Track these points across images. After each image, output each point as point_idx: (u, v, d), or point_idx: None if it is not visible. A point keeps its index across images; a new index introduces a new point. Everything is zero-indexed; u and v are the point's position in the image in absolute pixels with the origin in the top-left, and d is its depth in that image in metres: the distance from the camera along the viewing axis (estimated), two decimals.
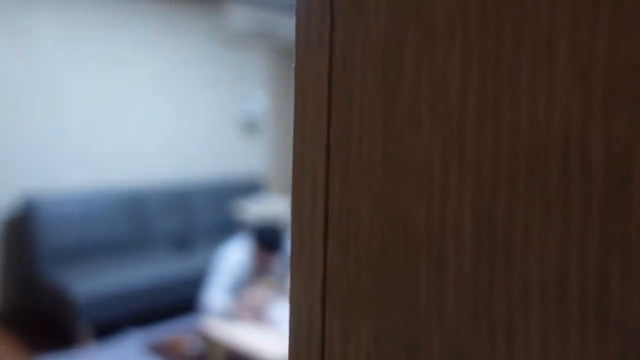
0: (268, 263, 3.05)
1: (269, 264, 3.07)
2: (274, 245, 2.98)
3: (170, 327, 3.63)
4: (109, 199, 3.93)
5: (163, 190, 4.29)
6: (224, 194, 4.64)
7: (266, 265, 3.06)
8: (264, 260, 3.03)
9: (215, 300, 2.89)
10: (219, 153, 4.88)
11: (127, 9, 4.17)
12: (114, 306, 3.31)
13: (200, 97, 4.72)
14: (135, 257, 3.76)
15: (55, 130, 3.87)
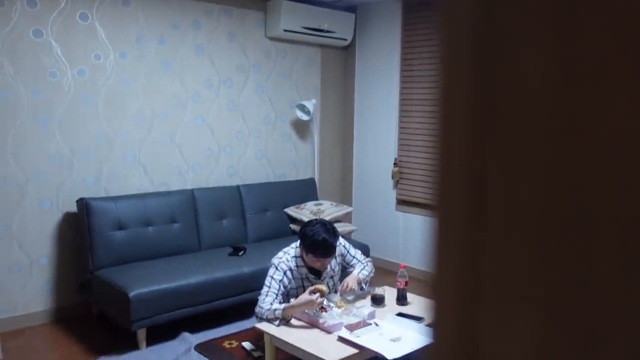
0: (320, 267, 3.04)
1: (321, 268, 3.05)
2: (325, 249, 2.97)
3: (223, 330, 3.65)
4: (163, 201, 4.00)
5: (215, 194, 4.33)
6: (275, 198, 4.65)
7: (318, 269, 3.05)
8: (316, 264, 3.02)
9: (268, 306, 2.89)
10: (270, 157, 4.91)
11: (181, 11, 4.25)
12: (167, 307, 3.36)
13: (252, 101, 4.76)
14: (188, 259, 3.81)
15: (111, 134, 3.97)
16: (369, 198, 5.32)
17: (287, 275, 3.02)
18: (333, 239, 2.98)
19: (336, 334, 2.76)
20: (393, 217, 5.10)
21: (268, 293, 2.95)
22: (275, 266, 3.02)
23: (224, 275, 3.63)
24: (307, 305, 2.84)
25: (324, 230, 2.99)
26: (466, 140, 0.28)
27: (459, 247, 0.29)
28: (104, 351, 3.33)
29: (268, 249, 4.06)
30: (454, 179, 0.28)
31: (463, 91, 0.28)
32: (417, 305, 3.23)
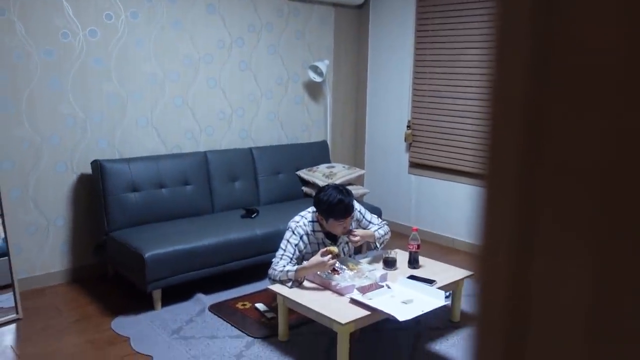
0: (342, 232, 3.05)
1: (344, 232, 3.06)
2: (344, 209, 2.96)
3: (236, 291, 3.71)
4: (177, 163, 4.01)
5: (228, 156, 4.33)
6: (288, 160, 4.64)
7: (335, 234, 3.05)
8: (337, 229, 3.02)
9: (281, 268, 2.91)
10: (283, 119, 4.88)
11: None
12: (181, 268, 3.41)
13: (264, 62, 4.70)
14: (201, 221, 3.84)
15: (123, 96, 3.96)
16: (381, 161, 5.29)
17: (303, 240, 3.04)
18: (349, 198, 2.98)
19: (348, 296, 2.79)
20: (405, 180, 5.08)
21: (283, 256, 2.97)
22: (292, 230, 3.04)
23: (237, 237, 3.66)
24: (318, 267, 2.87)
25: (338, 192, 3.00)
26: (524, 82, 0.26)
27: (514, 194, 0.28)
28: (120, 311, 3.40)
29: (280, 211, 4.08)
30: (509, 125, 0.27)
31: (521, 40, 0.26)
32: (428, 268, 3.25)
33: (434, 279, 3.04)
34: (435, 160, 4.79)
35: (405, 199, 5.11)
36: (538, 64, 0.26)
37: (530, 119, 0.27)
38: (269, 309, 3.34)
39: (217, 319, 3.28)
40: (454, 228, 4.75)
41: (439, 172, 4.81)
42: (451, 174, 4.70)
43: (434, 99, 4.73)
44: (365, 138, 5.43)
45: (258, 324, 3.20)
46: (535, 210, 0.27)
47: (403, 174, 5.10)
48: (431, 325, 3.24)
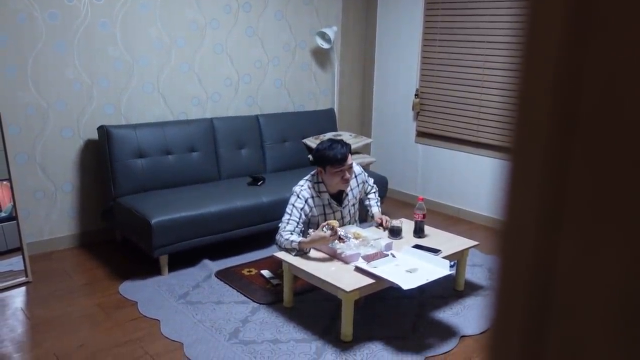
0: (344, 183, 3.04)
1: (345, 184, 3.05)
2: (340, 154, 2.95)
3: (242, 258, 3.74)
4: (183, 130, 4.00)
5: (234, 124, 4.31)
6: (294, 128, 4.62)
7: (342, 190, 3.04)
8: (336, 180, 3.01)
9: (287, 236, 2.92)
10: (289, 87, 4.83)
11: None
12: (187, 235, 3.43)
13: (271, 27, 4.63)
14: (208, 188, 3.85)
15: (129, 62, 3.92)
16: (388, 129, 5.26)
17: (308, 204, 3.04)
18: (344, 144, 3.00)
19: (353, 264, 2.80)
20: (412, 150, 5.06)
21: (289, 221, 2.98)
22: (297, 194, 3.04)
23: (243, 204, 3.67)
24: (320, 242, 2.88)
25: (333, 140, 3.04)
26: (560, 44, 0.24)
27: (543, 168, 0.26)
28: (127, 275, 3.44)
29: (287, 179, 4.07)
30: (540, 88, 0.25)
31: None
32: (434, 238, 3.25)
33: (439, 249, 3.05)
34: (442, 130, 4.75)
35: (412, 169, 5.09)
36: (577, 19, 0.24)
37: (566, 83, 0.26)
38: (274, 275, 3.37)
39: (223, 284, 3.32)
40: (459, 198, 4.74)
41: (445, 142, 4.77)
42: (458, 144, 4.67)
43: (443, 67, 4.66)
44: (372, 106, 5.38)
45: (263, 290, 3.23)
46: (567, 186, 0.26)
47: (410, 143, 5.07)
48: (435, 294, 3.26)
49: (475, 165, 4.55)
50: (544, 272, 0.28)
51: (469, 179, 4.64)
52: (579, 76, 0.25)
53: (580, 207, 0.26)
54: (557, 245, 0.27)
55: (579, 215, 0.26)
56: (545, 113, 0.27)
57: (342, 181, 3.02)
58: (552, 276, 0.27)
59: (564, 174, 0.27)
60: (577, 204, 0.26)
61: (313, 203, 3.07)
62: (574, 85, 0.25)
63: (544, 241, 0.28)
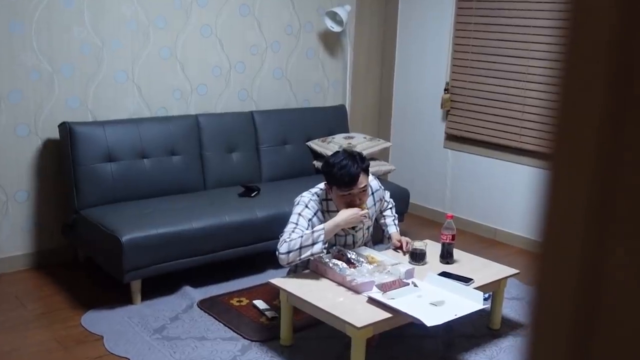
0: (340, 204, 3.04)
1: (341, 205, 3.06)
2: (342, 178, 2.95)
3: (231, 285, 3.75)
4: (162, 129, 4.04)
5: (224, 122, 4.35)
6: (297, 128, 4.65)
7: (348, 205, 3.04)
8: (341, 203, 3.02)
9: (300, 233, 2.92)
10: (292, 77, 4.86)
11: None
12: (165, 256, 3.45)
13: (270, 5, 4.67)
14: (190, 200, 3.88)
15: (98, 45, 3.96)
16: (411, 131, 5.27)
17: (318, 216, 3.06)
18: (357, 165, 2.97)
19: (366, 294, 2.81)
20: (440, 156, 5.07)
21: (295, 230, 2.98)
22: (304, 203, 3.05)
23: (233, 220, 3.69)
24: (351, 220, 2.96)
25: (347, 155, 3.04)
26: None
27: (592, 179, 0.28)
28: (92, 304, 3.46)
29: (286, 190, 4.09)
30: (590, 86, 0.27)
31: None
32: (464, 264, 3.26)
33: (470, 278, 3.05)
34: (477, 133, 4.76)
35: (439, 180, 5.10)
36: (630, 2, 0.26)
37: (621, 73, 0.27)
38: (269, 307, 3.38)
39: (208, 317, 3.33)
40: (496, 216, 4.74)
41: (481, 147, 4.78)
42: (496, 150, 4.68)
43: (479, 56, 4.69)
44: (392, 103, 5.40)
45: (256, 324, 3.24)
46: (616, 200, 0.27)
47: (437, 148, 5.08)
48: (465, 332, 3.26)
49: (517, 177, 4.56)
50: (589, 303, 0.29)
51: (509, 193, 4.64)
52: (632, 64, 0.26)
53: (632, 227, 0.27)
54: (603, 271, 0.28)
55: (630, 237, 0.27)
56: (597, 110, 0.28)
57: (349, 202, 3.03)
58: (597, 307, 0.28)
59: (613, 182, 0.28)
60: (628, 224, 0.27)
61: (323, 218, 3.08)
62: (627, 75, 0.26)
63: (590, 262, 0.29)
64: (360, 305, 2.75)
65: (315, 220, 3.03)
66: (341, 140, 4.58)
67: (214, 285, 3.71)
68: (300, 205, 3.05)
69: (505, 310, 3.43)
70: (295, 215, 3.03)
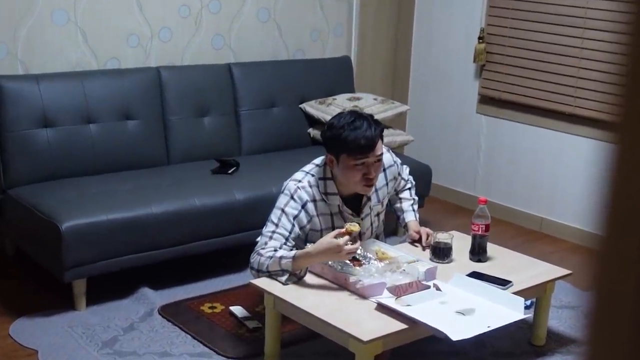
0: (365, 186, 3.03)
1: (368, 187, 3.04)
2: (364, 138, 2.92)
3: (201, 286, 3.75)
4: (113, 85, 4.02)
5: (194, 77, 4.34)
6: (287, 86, 4.64)
7: (356, 183, 3.02)
8: (355, 178, 2.99)
9: (270, 253, 2.93)
10: (281, 20, 4.84)
11: None
12: (117, 248, 3.45)
13: None
14: (150, 178, 3.88)
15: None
16: (435, 92, 5.26)
17: (307, 210, 3.03)
18: (373, 123, 2.98)
19: (374, 299, 2.81)
20: (472, 124, 5.06)
21: (273, 235, 2.97)
22: (290, 193, 3.03)
23: (205, 203, 3.68)
24: (330, 254, 2.87)
25: (356, 114, 3.02)
26: None
27: None
28: (23, 310, 3.45)
29: (273, 165, 4.08)
30: None
31: None
32: (501, 262, 3.26)
33: (508, 280, 3.06)
34: (519, 94, 4.75)
35: (470, 154, 5.10)
36: None
37: None
38: (250, 315, 3.39)
39: (172, 327, 3.33)
40: (543, 202, 4.75)
41: (524, 113, 4.77)
42: (543, 117, 4.67)
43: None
44: (410, 55, 5.39)
45: (234, 337, 3.25)
46: None
47: (468, 113, 5.07)
48: (501, 349, 3.27)
49: (570, 151, 4.56)
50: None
51: (560, 172, 4.64)
52: None
53: None
54: None
55: None
56: None
57: (363, 181, 3.01)
58: None
59: None
60: None
61: (315, 210, 3.06)
62: None
63: None
64: (367, 313, 2.75)
65: (303, 218, 3.02)
66: (345, 102, 4.56)
67: (180, 287, 3.71)
68: (284, 196, 3.04)
69: (553, 322, 3.45)
70: (278, 210, 3.01)
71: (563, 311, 3.63)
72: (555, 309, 3.50)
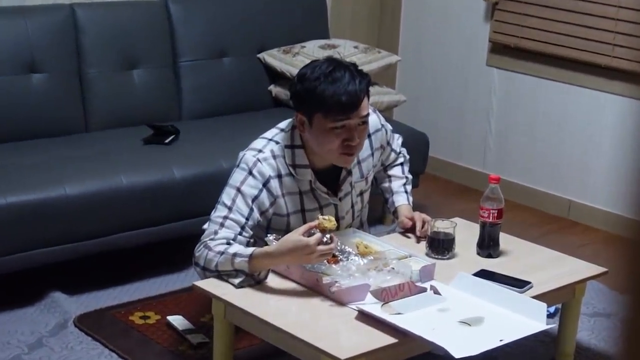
0: (347, 157, 3.02)
1: (350, 158, 3.04)
2: (336, 95, 2.91)
3: (128, 290, 3.74)
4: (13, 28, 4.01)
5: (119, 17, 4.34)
6: (241, 29, 4.65)
7: (333, 151, 3.03)
8: (322, 142, 2.99)
9: (221, 248, 2.92)
10: None
11: None
12: (20, 241, 3.45)
13: None
14: (63, 148, 3.88)
15: None
16: (432, 39, 5.27)
17: (270, 189, 3.02)
18: (356, 73, 2.97)
19: (355, 305, 2.81)
20: (481, 79, 5.08)
21: (225, 222, 2.97)
22: (247, 168, 3.01)
23: (135, 182, 3.68)
24: (296, 257, 2.85)
25: (337, 64, 2.99)
26: None
27: None
28: None
29: (222, 133, 4.10)
30: None
31: None
32: (517, 258, 3.27)
33: (526, 280, 3.07)
34: (542, 41, 4.77)
35: (478, 119, 5.12)
36: None
37: None
38: (194, 327, 3.39)
39: (92, 342, 3.33)
40: (571, 181, 4.79)
41: (548, 66, 4.79)
42: (574, 70, 4.70)
43: None
44: None
45: (173, 355, 3.25)
46: None
47: (476, 66, 5.09)
48: None
49: (607, 115, 4.59)
50: None
51: (593, 141, 4.67)
52: None
53: None
54: None
55: None
56: None
57: (343, 149, 2.99)
58: None
59: None
60: None
61: (280, 188, 3.06)
62: None
63: None
64: (346, 324, 2.75)
65: (265, 199, 3.00)
66: (317, 52, 4.57)
67: (103, 292, 3.71)
68: (240, 172, 3.01)
69: (583, 334, 3.48)
70: (231, 190, 2.98)
71: (596, 320, 3.65)
72: (586, 317, 3.53)
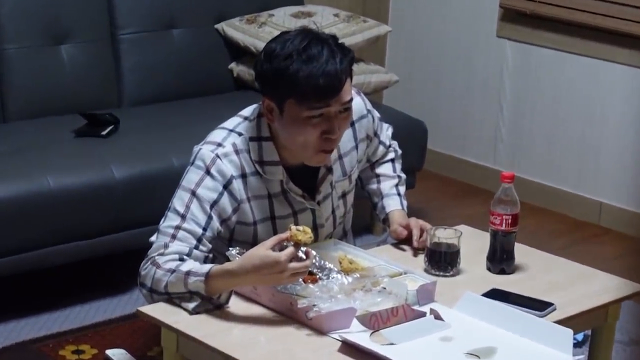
0: (315, 138, 3.02)
1: (318, 140, 3.03)
2: (313, 76, 2.88)
3: (58, 318, 3.77)
4: None
5: None
6: None
7: (309, 144, 3.02)
8: (304, 131, 2.98)
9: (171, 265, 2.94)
10: None
11: None
12: None
13: None
14: None
15: None
16: (430, 6, 5.30)
17: (232, 192, 3.00)
18: (336, 49, 2.89)
19: (337, 334, 2.85)
20: (490, 54, 5.13)
21: (178, 234, 2.95)
22: (204, 166, 2.98)
23: (63, 185, 3.70)
24: (264, 276, 2.80)
25: (313, 37, 2.92)
26: None
27: None
28: None
29: (173, 122, 4.12)
30: None
31: None
32: (536, 274, 3.30)
33: (548, 301, 3.11)
34: (564, 6, 4.81)
35: (488, 104, 5.15)
36: None
37: None
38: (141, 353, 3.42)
39: None
40: (603, 180, 4.84)
41: (572, 37, 4.84)
42: (604, 42, 4.75)
43: None
44: None
45: None
46: None
47: (485, 37, 5.13)
48: None
49: None
50: None
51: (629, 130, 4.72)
52: None
53: None
54: None
55: None
56: None
57: (321, 144, 2.97)
58: None
59: None
60: None
61: (245, 191, 3.05)
62: None
63: None
64: (327, 356, 2.78)
65: (226, 205, 2.99)
66: (288, 21, 4.60)
67: (24, 320, 3.73)
68: (195, 171, 2.96)
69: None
70: (185, 194, 2.94)
71: (633, 349, 3.69)
72: (621, 345, 3.56)
